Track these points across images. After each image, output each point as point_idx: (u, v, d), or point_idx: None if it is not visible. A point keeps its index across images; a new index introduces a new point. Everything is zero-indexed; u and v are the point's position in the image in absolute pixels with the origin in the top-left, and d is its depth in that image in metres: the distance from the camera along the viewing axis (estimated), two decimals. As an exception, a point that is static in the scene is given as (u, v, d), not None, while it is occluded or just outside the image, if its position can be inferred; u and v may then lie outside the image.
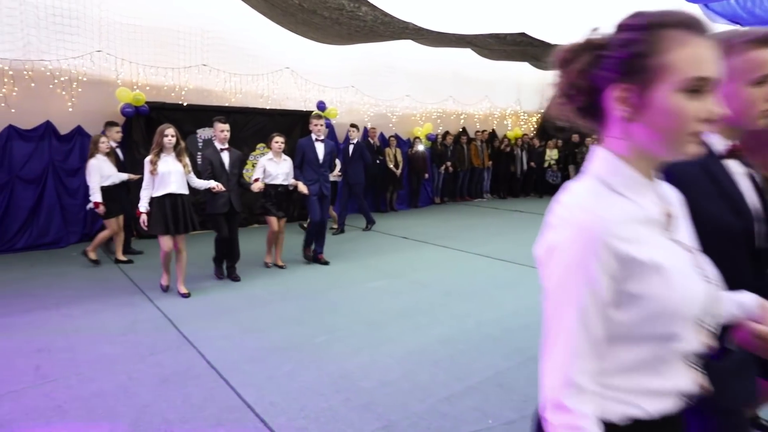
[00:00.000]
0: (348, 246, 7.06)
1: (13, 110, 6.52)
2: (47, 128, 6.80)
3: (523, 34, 8.09)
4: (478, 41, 8.82)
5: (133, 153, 7.36)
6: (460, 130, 12.22)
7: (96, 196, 5.41)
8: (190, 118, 7.98)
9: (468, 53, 10.61)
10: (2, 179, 6.51)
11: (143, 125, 7.42)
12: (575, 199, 0.83)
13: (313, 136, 5.87)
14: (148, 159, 4.52)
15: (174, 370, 3.09)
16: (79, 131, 7.08)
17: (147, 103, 7.32)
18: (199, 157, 8.12)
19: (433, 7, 6.82)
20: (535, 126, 14.51)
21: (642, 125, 0.81)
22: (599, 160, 0.89)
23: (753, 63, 1.16)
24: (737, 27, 7.07)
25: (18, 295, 4.67)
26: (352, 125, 8.34)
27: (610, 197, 0.82)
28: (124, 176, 5.93)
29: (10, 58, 6.39)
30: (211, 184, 4.90)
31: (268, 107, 8.79)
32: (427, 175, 10.94)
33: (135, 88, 7.35)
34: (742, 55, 1.18)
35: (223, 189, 4.92)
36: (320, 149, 5.89)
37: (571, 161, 12.91)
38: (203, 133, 8.13)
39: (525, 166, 12.89)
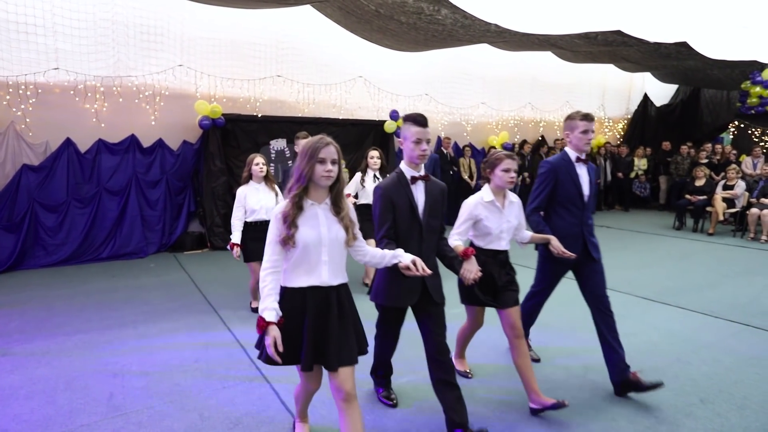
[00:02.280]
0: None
1: (102, 125, 6.78)
2: (132, 141, 7.01)
3: (618, 33, 7.31)
4: (564, 42, 8.13)
5: (209, 165, 7.43)
6: (539, 138, 11.46)
7: (234, 235, 4.34)
8: (264, 129, 7.96)
9: (547, 57, 9.91)
10: (91, 191, 6.77)
11: (219, 137, 7.47)
12: None
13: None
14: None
15: (246, 410, 2.81)
16: (160, 144, 7.24)
17: (223, 115, 7.36)
18: (272, 168, 8.09)
19: (519, 6, 6.29)
20: (621, 133, 13.38)
21: None
22: None
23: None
24: None
25: (99, 308, 4.70)
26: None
27: None
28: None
29: (102, 75, 6.64)
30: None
31: (340, 117, 8.62)
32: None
33: (212, 101, 7.43)
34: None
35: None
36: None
37: (663, 171, 11.70)
38: (276, 144, 8.09)
39: (609, 177, 11.84)
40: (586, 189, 3.11)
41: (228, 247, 4.35)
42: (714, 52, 8.78)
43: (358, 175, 5.10)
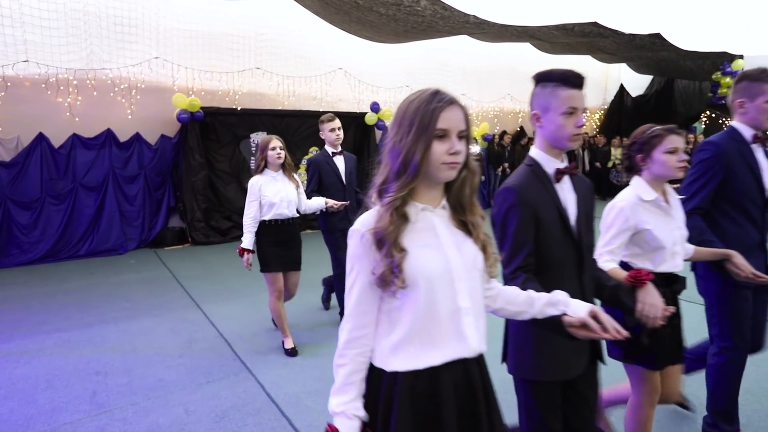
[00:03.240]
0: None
1: (77, 119, 6.62)
2: (108, 136, 6.87)
3: (594, 24, 7.42)
4: (542, 34, 8.22)
5: (188, 159, 7.34)
6: (519, 129, 11.59)
7: (245, 238, 3.43)
8: (244, 122, 7.89)
9: (525, 48, 9.99)
10: (67, 187, 6.63)
11: (198, 131, 7.37)
12: None
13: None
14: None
15: (232, 403, 2.83)
16: (137, 138, 7.11)
17: (202, 108, 7.26)
18: (252, 162, 8.03)
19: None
20: (598, 123, 13.61)
21: None
22: None
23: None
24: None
25: (79, 306, 4.64)
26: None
27: None
28: (316, 205, 3.69)
29: (75, 68, 6.48)
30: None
31: (321, 109, 8.58)
32: (483, 177, 10.42)
33: (190, 94, 7.31)
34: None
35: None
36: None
37: (640, 160, 11.97)
38: (256, 138, 8.02)
39: (587, 166, 12.06)
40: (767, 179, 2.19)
41: (238, 252, 3.42)
42: (686, 44, 8.98)
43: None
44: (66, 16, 6.32)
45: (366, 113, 8.80)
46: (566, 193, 1.57)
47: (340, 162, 3.92)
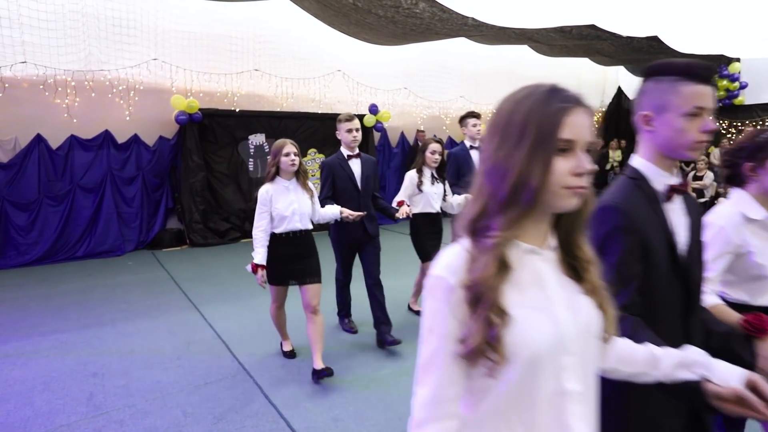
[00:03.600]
0: (395, 256, 6.70)
1: (75, 120, 6.61)
2: (106, 137, 6.86)
3: (592, 27, 7.45)
4: (540, 36, 8.24)
5: (186, 161, 7.33)
6: (516, 131, 11.61)
7: (257, 253, 3.08)
8: (242, 124, 7.88)
9: (523, 50, 10.02)
10: (64, 188, 6.61)
11: (196, 133, 7.37)
12: None
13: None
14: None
15: (230, 405, 2.82)
16: (135, 139, 7.11)
17: (200, 110, 7.26)
18: (251, 163, 8.03)
19: (496, 0, 6.36)
20: (596, 125, 13.64)
21: None
22: None
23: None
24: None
25: (76, 308, 4.62)
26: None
27: None
28: (330, 214, 3.39)
29: (73, 69, 6.47)
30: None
31: (319, 111, 8.59)
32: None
33: (189, 95, 7.31)
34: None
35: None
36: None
37: (638, 163, 12.00)
38: (255, 139, 8.02)
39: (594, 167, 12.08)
40: None
41: (249, 269, 3.10)
42: (683, 47, 9.03)
43: (412, 176, 3.88)
44: (64, 17, 6.31)
45: (364, 115, 8.80)
46: (677, 216, 1.26)
47: (356, 166, 3.61)
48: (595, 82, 13.34)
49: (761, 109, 10.78)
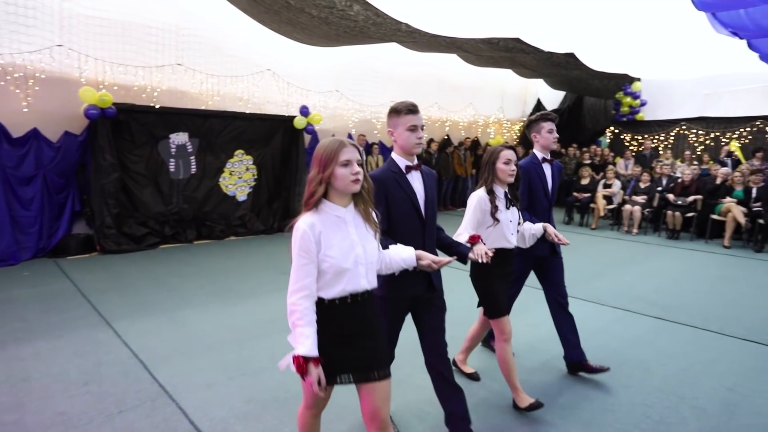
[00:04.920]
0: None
1: (-43, 110, 5.76)
2: (-3, 130, 6.05)
3: (517, 40, 7.80)
4: (469, 46, 8.50)
5: (98, 159, 6.66)
6: (445, 137, 11.90)
7: (299, 336, 1.75)
8: (163, 121, 7.32)
9: (452, 59, 10.31)
10: (-57, 188, 5.73)
11: (110, 129, 6.72)
12: None
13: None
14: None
15: (150, 434, 2.54)
16: (35, 134, 6.33)
17: (114, 104, 6.63)
18: (171, 164, 7.48)
19: (428, 8, 6.45)
20: (518, 134, 14.36)
21: None
22: None
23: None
24: (733, 37, 6.99)
25: (-43, 328, 3.98)
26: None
27: None
28: (401, 261, 2.09)
29: (-45, 51, 5.63)
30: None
31: (247, 111, 8.21)
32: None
33: (101, 88, 6.65)
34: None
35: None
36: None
37: (555, 171, 12.78)
38: (177, 138, 7.48)
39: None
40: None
41: (287, 365, 1.75)
42: (595, 64, 9.74)
43: (482, 197, 2.73)
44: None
45: (295, 117, 8.55)
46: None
47: (416, 181, 2.31)
48: (518, 92, 14.06)
49: (657, 125, 11.92)
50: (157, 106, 7.17)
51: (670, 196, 8.78)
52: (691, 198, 8.59)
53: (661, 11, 8.29)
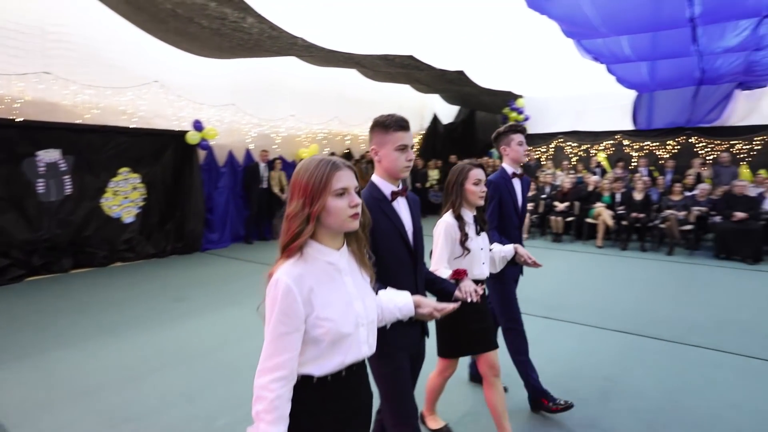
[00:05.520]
0: (235, 284, 6.25)
1: None
2: None
3: (411, 57, 8.13)
4: (367, 62, 8.69)
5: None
6: (346, 151, 11.99)
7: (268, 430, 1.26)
8: (27, 136, 6.47)
9: (352, 73, 10.46)
10: None
11: (-43, 146, 5.78)
12: None
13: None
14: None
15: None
16: None
17: (-38, 117, 5.73)
18: (40, 185, 6.62)
19: (324, 24, 6.47)
20: (417, 147, 14.92)
21: None
22: None
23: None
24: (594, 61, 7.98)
25: None
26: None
27: None
28: (396, 311, 1.70)
29: None
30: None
31: (132, 125, 7.56)
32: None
33: (-56, 98, 5.72)
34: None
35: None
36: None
37: (452, 181, 13.49)
38: (46, 156, 6.65)
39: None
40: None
41: None
42: (483, 82, 10.48)
43: (450, 224, 2.44)
44: None
45: (187, 132, 8.06)
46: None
47: (403, 210, 1.97)
48: (415, 107, 14.64)
49: (540, 137, 13.12)
50: (20, 119, 6.33)
51: (558, 204, 9.67)
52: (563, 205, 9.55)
53: (538, 36, 9.16)
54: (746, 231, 7.53)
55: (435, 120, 15.06)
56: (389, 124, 1.88)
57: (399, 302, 1.64)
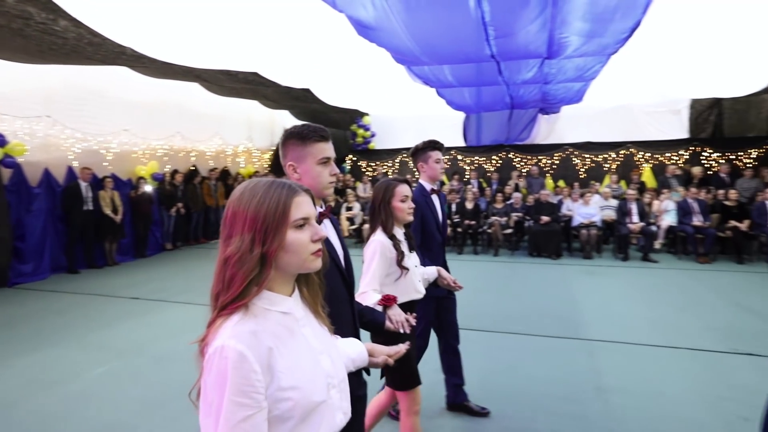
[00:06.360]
0: (54, 320, 5.47)
1: None
2: None
3: (255, 74, 8.07)
4: (208, 76, 8.37)
5: None
6: (192, 168, 11.31)
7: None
8: None
9: (195, 86, 9.96)
10: None
11: None
12: None
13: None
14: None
15: None
16: None
17: None
18: None
19: (156, 35, 6.06)
20: (269, 162, 14.73)
21: None
22: None
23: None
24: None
25: None
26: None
27: None
28: (354, 355, 1.50)
29: None
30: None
31: None
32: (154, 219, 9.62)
33: None
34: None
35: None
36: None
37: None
38: None
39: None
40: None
41: None
42: (330, 100, 10.84)
43: (385, 244, 2.34)
44: None
45: (-15, 146, 6.83)
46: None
47: (331, 233, 1.75)
48: (265, 122, 14.47)
49: (386, 153, 14.00)
50: None
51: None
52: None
53: (378, 59, 9.81)
54: (550, 232, 9.02)
55: (286, 136, 15.05)
56: (307, 135, 1.66)
57: (351, 353, 1.40)
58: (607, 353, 4.25)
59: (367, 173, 13.72)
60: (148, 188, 9.51)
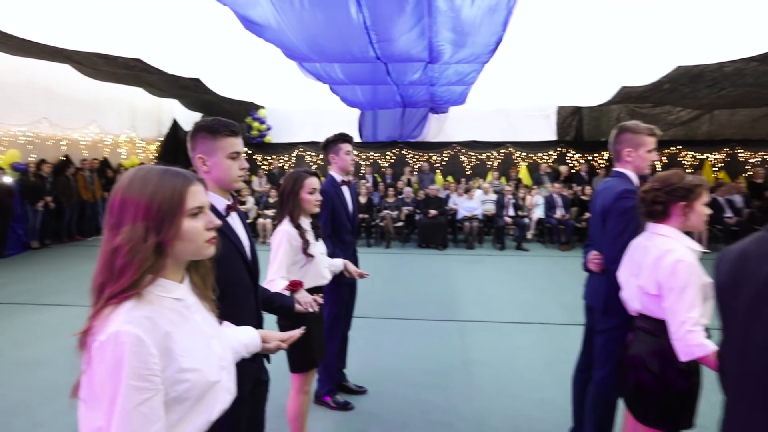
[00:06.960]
0: None
1: None
2: None
3: (138, 60, 7.58)
4: (81, 58, 7.68)
5: None
6: (63, 158, 10.26)
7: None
8: None
9: (65, 68, 9.04)
10: None
11: None
12: None
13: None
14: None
15: None
16: None
17: None
18: None
19: (17, 7, 5.39)
20: (155, 154, 13.83)
21: None
22: None
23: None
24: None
25: None
26: None
27: None
28: (247, 341, 1.53)
29: None
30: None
31: None
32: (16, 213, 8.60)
33: None
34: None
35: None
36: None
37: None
38: None
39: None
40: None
41: None
42: (222, 91, 10.48)
43: (291, 234, 2.45)
44: None
45: None
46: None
47: (238, 225, 1.85)
48: (151, 111, 13.53)
49: (282, 147, 13.85)
50: None
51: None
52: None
53: (271, 52, 9.70)
54: (437, 225, 9.69)
55: (175, 126, 14.22)
56: (218, 129, 1.71)
57: (244, 339, 1.44)
58: (476, 332, 4.79)
59: (262, 167, 13.48)
60: (7, 179, 8.47)
